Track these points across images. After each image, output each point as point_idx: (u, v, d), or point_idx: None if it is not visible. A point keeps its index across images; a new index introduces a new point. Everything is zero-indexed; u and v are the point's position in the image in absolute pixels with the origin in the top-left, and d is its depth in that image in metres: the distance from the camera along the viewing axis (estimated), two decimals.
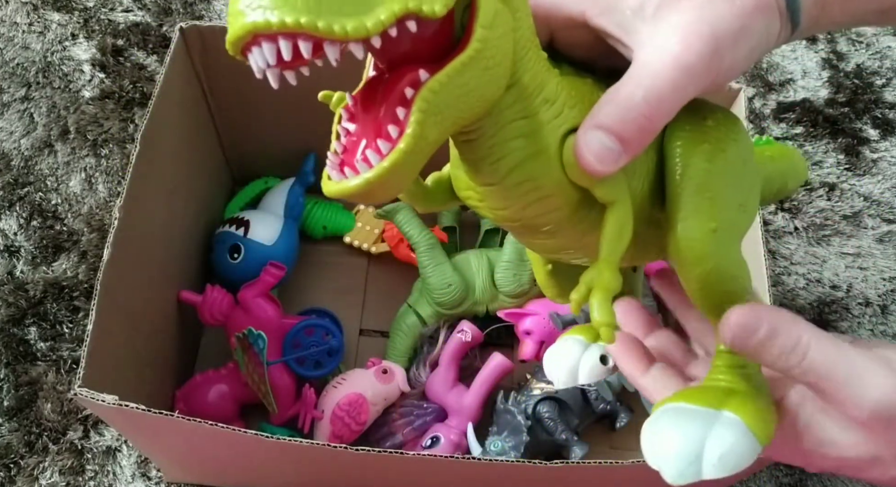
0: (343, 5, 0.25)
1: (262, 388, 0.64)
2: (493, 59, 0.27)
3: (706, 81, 0.29)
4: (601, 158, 0.28)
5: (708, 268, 0.31)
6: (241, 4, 0.25)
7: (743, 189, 0.33)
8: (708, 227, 0.31)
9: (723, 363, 0.32)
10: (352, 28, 0.25)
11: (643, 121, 0.28)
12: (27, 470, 0.65)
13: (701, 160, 0.32)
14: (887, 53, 0.96)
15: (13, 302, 0.72)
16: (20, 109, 0.84)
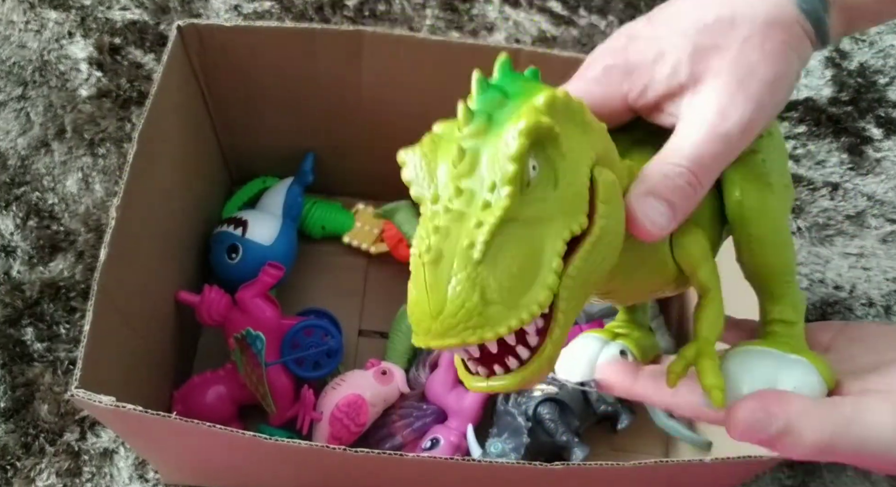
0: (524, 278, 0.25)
1: (261, 389, 0.64)
2: (613, 229, 0.28)
3: (748, 139, 0.31)
4: (655, 223, 0.30)
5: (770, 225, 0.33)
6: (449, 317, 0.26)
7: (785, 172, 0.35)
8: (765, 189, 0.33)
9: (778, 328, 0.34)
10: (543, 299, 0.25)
11: (689, 189, 0.30)
12: (23, 472, 0.64)
13: None
14: (891, 52, 0.96)
15: (9, 303, 0.72)
16: (16, 108, 0.83)
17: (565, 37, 0.95)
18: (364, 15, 0.94)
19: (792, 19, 0.32)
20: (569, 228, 0.26)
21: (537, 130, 0.25)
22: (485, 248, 0.25)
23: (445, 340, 0.25)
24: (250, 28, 0.64)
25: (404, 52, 0.64)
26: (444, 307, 0.25)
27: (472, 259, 0.25)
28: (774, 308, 0.35)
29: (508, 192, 0.25)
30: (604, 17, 0.96)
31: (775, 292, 0.34)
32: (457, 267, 0.25)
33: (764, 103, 0.30)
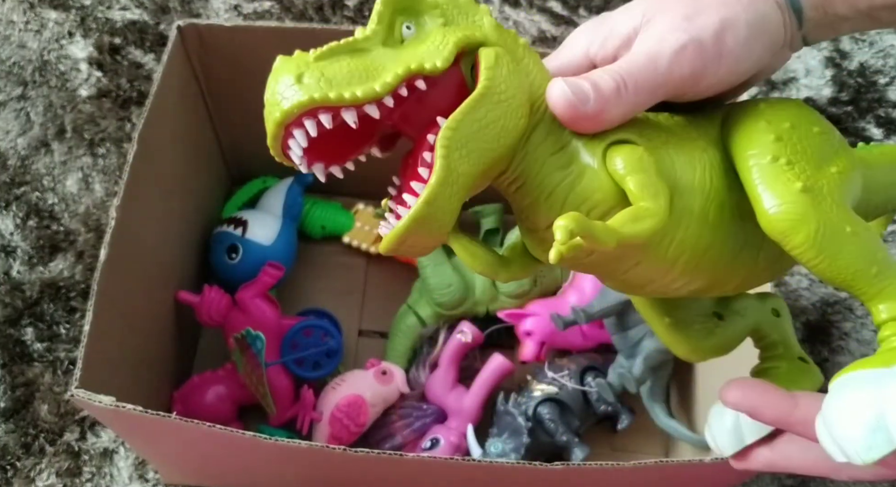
0: (352, 77, 0.29)
1: (261, 389, 0.63)
2: (505, 92, 0.30)
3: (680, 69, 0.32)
4: (574, 92, 0.31)
5: (812, 231, 0.29)
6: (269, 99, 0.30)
7: (829, 154, 0.32)
8: (794, 187, 0.30)
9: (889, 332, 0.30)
10: (362, 93, 0.29)
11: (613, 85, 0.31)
12: (23, 472, 0.64)
13: (766, 133, 0.32)
14: (891, 52, 0.96)
15: (9, 303, 0.72)
16: (16, 108, 0.83)
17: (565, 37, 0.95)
18: (364, 15, 0.94)
19: None
20: (419, 61, 0.30)
21: None
22: (320, 54, 0.30)
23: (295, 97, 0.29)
24: (250, 28, 0.64)
25: None
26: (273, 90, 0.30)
27: (308, 60, 0.30)
28: (877, 307, 0.30)
29: (366, 28, 0.31)
30: None
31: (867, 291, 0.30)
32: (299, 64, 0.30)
33: (703, 41, 0.32)
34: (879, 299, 0.30)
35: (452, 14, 0.32)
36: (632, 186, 0.30)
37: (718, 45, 0.32)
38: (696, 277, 0.34)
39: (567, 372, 0.67)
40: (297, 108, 0.29)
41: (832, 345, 0.75)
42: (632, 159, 0.31)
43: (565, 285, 0.73)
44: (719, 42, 0.32)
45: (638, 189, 0.30)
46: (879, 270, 0.29)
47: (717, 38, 0.32)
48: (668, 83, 0.32)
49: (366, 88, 0.29)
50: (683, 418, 0.69)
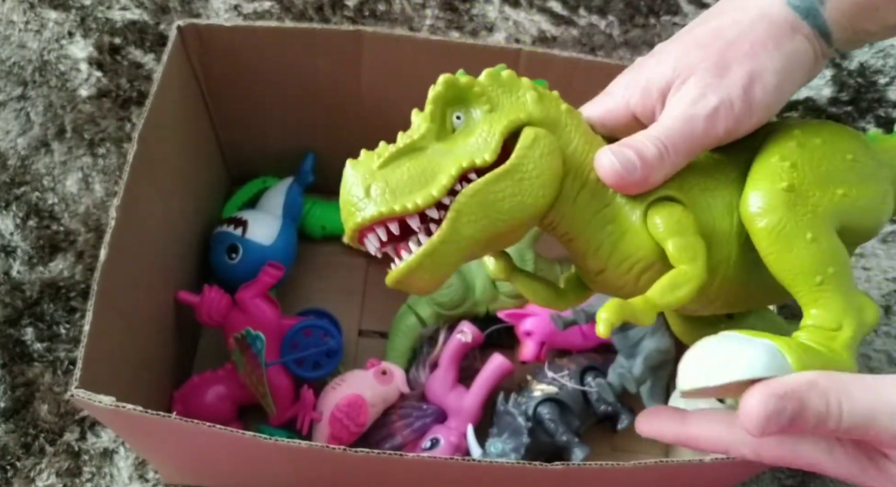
0: (413, 185, 0.32)
1: (261, 389, 0.64)
2: (530, 172, 0.33)
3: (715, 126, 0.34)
4: (621, 163, 0.33)
5: (773, 222, 0.32)
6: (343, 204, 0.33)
7: (849, 179, 0.34)
8: (779, 184, 0.33)
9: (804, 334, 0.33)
10: (422, 201, 0.32)
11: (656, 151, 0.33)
12: (23, 472, 0.64)
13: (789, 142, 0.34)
14: (891, 52, 0.96)
15: (9, 303, 0.72)
16: (16, 108, 0.83)
17: (565, 37, 0.95)
18: (364, 15, 0.94)
19: (780, 17, 0.34)
20: (469, 158, 0.33)
21: (454, 84, 0.34)
22: (384, 162, 0.33)
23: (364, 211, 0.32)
24: (250, 28, 0.64)
25: (404, 52, 0.64)
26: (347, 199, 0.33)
27: (373, 169, 0.33)
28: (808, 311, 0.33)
29: (420, 125, 0.34)
30: (603, 17, 0.96)
31: (805, 295, 0.33)
32: (366, 174, 0.33)
33: (733, 101, 0.33)
34: (813, 305, 0.33)
35: (497, 96, 0.34)
36: (671, 248, 0.33)
37: (748, 100, 0.33)
38: (733, 305, 0.37)
39: (567, 372, 0.67)
40: (369, 221, 0.32)
41: None
42: (671, 221, 0.33)
43: None
44: (748, 97, 0.33)
45: (677, 252, 0.33)
46: (823, 280, 0.32)
47: (745, 94, 0.33)
48: (705, 143, 0.34)
49: (424, 196, 0.32)
50: None
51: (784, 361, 0.30)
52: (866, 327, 0.33)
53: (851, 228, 0.35)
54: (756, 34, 0.34)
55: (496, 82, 0.35)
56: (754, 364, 0.29)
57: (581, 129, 0.35)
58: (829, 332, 0.32)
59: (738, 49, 0.34)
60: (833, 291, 0.32)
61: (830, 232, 0.33)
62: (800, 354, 0.30)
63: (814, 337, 0.32)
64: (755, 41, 0.33)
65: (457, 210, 0.32)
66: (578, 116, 0.36)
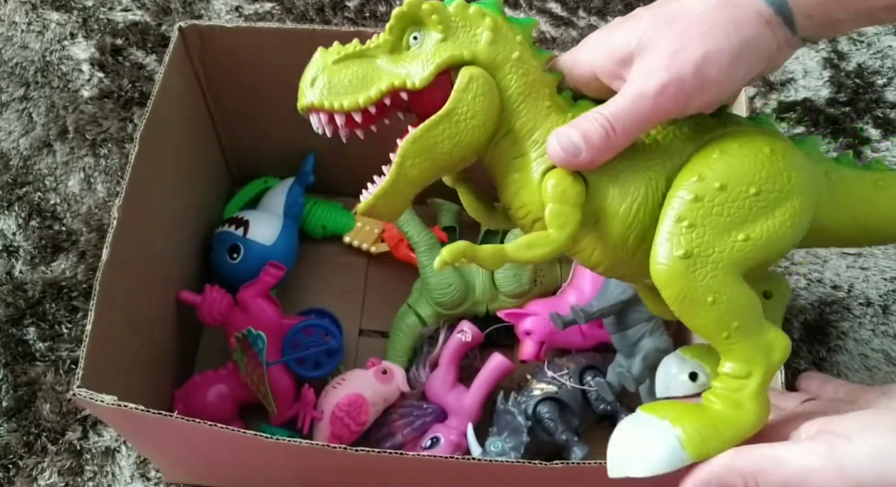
0: (348, 87, 0.36)
1: (262, 388, 0.64)
2: (466, 114, 0.36)
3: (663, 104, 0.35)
4: (565, 149, 0.35)
5: (675, 293, 0.34)
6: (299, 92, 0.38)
7: (752, 218, 0.35)
8: (677, 252, 0.34)
9: (719, 384, 0.35)
10: (347, 104, 0.36)
11: (601, 131, 0.35)
12: (26, 471, 0.64)
13: (686, 191, 0.35)
14: (888, 53, 0.96)
15: (12, 302, 0.72)
16: (19, 109, 0.84)
17: (565, 38, 0.95)
18: (364, 16, 0.94)
19: (746, 2, 0.34)
20: (402, 79, 0.36)
21: (418, 5, 0.36)
22: (338, 59, 0.37)
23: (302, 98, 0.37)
24: (251, 29, 0.64)
25: None
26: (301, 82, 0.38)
27: (328, 62, 0.37)
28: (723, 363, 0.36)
29: (379, 35, 0.37)
30: (603, 19, 0.97)
31: (718, 348, 0.36)
32: (320, 65, 0.37)
33: (684, 75, 0.34)
34: (725, 356, 0.35)
35: (455, 27, 0.37)
36: (546, 212, 0.36)
37: (700, 78, 0.34)
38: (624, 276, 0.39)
39: (566, 371, 0.67)
40: (305, 108, 0.37)
41: (830, 345, 0.76)
42: (557, 189, 0.36)
43: (565, 284, 0.73)
44: (701, 75, 0.34)
45: (549, 217, 0.36)
46: (729, 335, 0.34)
47: (698, 72, 0.34)
48: (654, 118, 0.35)
49: (351, 101, 0.36)
50: None
51: (683, 454, 0.33)
52: (775, 366, 0.35)
53: (760, 263, 0.36)
54: (718, 16, 0.34)
55: (460, 14, 0.37)
56: (657, 464, 0.33)
57: (526, 79, 0.37)
58: (739, 381, 0.35)
59: (698, 28, 0.34)
60: (740, 342, 0.34)
61: (733, 284, 0.34)
62: (698, 443, 0.33)
63: (727, 386, 0.35)
64: (716, 22, 0.34)
65: (401, 155, 0.36)
66: (528, 67, 0.37)
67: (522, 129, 0.37)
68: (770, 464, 0.32)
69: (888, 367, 0.75)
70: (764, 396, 0.35)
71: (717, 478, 0.33)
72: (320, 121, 0.37)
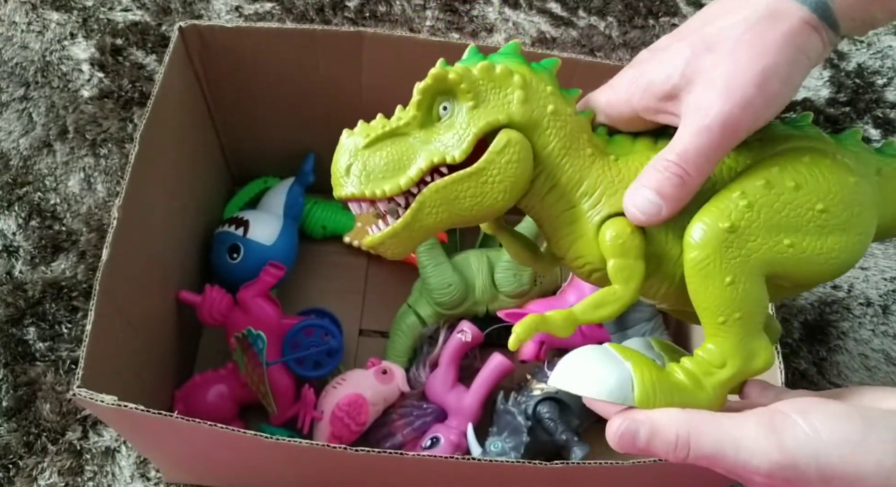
0: (387, 171, 0.35)
1: (262, 388, 0.64)
2: (495, 177, 0.35)
3: (732, 132, 0.33)
4: (645, 211, 0.34)
5: (699, 257, 0.34)
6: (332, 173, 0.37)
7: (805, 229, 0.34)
8: (721, 224, 0.34)
9: (689, 363, 0.35)
10: (389, 189, 0.35)
11: (676, 179, 0.34)
12: (26, 471, 0.64)
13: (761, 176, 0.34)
14: (888, 53, 0.96)
15: (12, 302, 0.72)
16: (19, 109, 0.84)
17: (565, 38, 0.95)
18: (364, 16, 0.94)
19: (790, 12, 0.34)
20: (441, 154, 0.35)
21: (444, 77, 0.36)
22: (369, 142, 0.36)
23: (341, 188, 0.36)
24: (251, 29, 0.64)
25: (404, 53, 0.64)
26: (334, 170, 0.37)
27: (358, 147, 0.36)
28: (706, 344, 0.35)
29: (407, 111, 0.36)
30: (603, 19, 0.97)
31: (708, 330, 0.35)
32: (351, 151, 0.36)
33: (748, 99, 0.33)
34: (710, 339, 0.35)
35: (485, 91, 0.36)
36: (609, 266, 0.35)
37: (765, 96, 0.33)
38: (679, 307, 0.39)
39: None
40: (345, 198, 0.36)
41: (830, 345, 0.76)
42: (617, 242, 0.35)
43: (565, 284, 0.73)
44: (765, 94, 0.33)
45: (613, 272, 0.35)
46: (726, 321, 0.34)
47: (762, 92, 0.33)
48: (724, 149, 0.34)
49: (392, 186, 0.35)
50: None
51: (629, 394, 0.33)
52: (750, 372, 0.35)
53: (790, 276, 0.35)
54: (765, 32, 0.33)
55: (487, 76, 0.36)
56: (601, 389, 0.33)
57: (564, 131, 0.36)
58: (711, 367, 0.35)
59: (748, 49, 0.33)
60: (731, 333, 0.34)
61: (754, 279, 0.34)
62: (648, 390, 0.33)
63: (696, 367, 0.35)
64: (765, 39, 0.33)
65: (420, 202, 0.35)
66: (565, 117, 0.36)
67: (569, 183, 0.36)
68: (708, 426, 0.31)
69: (888, 367, 0.75)
70: (725, 391, 0.35)
71: (653, 424, 0.32)
72: (360, 207, 0.37)
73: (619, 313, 0.36)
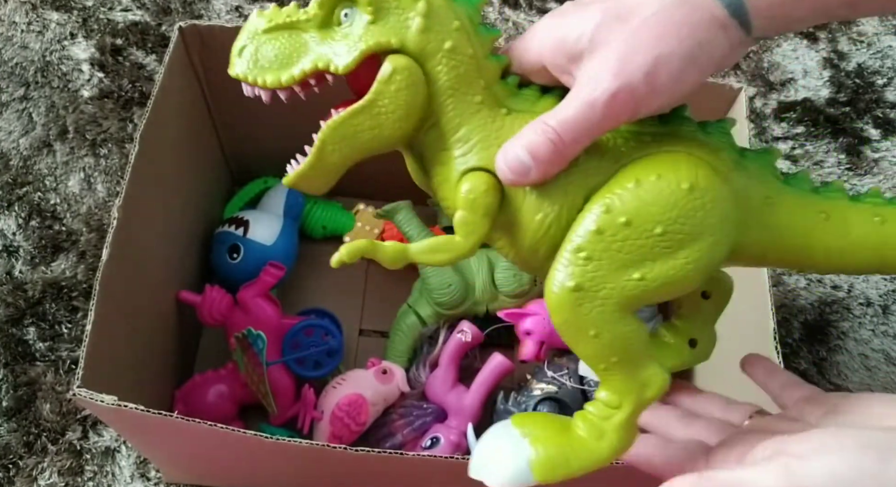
0: (274, 63, 0.36)
1: (262, 388, 0.64)
2: (387, 107, 0.35)
3: (614, 112, 0.33)
4: (513, 169, 0.34)
5: (560, 320, 0.34)
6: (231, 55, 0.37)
7: (651, 257, 0.34)
8: (567, 284, 0.34)
9: (592, 408, 0.36)
10: (270, 81, 0.36)
11: (550, 145, 0.33)
12: (26, 471, 0.64)
13: (591, 221, 0.34)
14: (888, 53, 0.96)
15: (12, 302, 0.72)
16: (19, 109, 0.84)
17: None
18: None
19: (703, 4, 0.33)
20: (326, 60, 0.35)
21: None
22: (268, 28, 0.36)
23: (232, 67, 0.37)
24: None
25: None
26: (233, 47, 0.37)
27: (258, 30, 0.36)
28: (599, 391, 0.36)
29: (311, 8, 0.36)
30: None
31: (598, 376, 0.36)
32: (251, 32, 0.36)
33: (634, 84, 0.32)
34: (602, 385, 0.36)
35: (387, 9, 0.35)
36: (455, 217, 0.36)
37: (650, 84, 0.32)
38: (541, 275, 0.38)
39: (566, 371, 0.67)
40: (232, 76, 0.37)
41: (830, 345, 0.76)
42: (469, 197, 0.35)
43: None
44: (651, 82, 0.32)
45: (457, 224, 0.35)
46: (608, 367, 0.34)
47: (648, 79, 0.32)
48: (603, 127, 0.34)
49: (273, 79, 0.36)
50: None
51: (530, 476, 0.34)
52: (647, 401, 0.35)
53: (655, 300, 0.35)
54: (671, 17, 0.32)
55: None
56: (504, 477, 0.35)
57: (457, 72, 0.35)
58: (609, 410, 0.35)
59: (649, 30, 0.32)
60: (617, 375, 0.34)
61: (618, 321, 0.34)
62: (546, 468, 0.35)
63: (597, 412, 0.35)
64: (668, 24, 0.32)
65: (321, 141, 0.35)
66: (462, 57, 0.35)
67: (448, 124, 0.36)
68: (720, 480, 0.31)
69: (888, 367, 0.75)
70: (629, 428, 0.35)
71: None
72: (252, 91, 0.37)
73: (451, 263, 0.36)
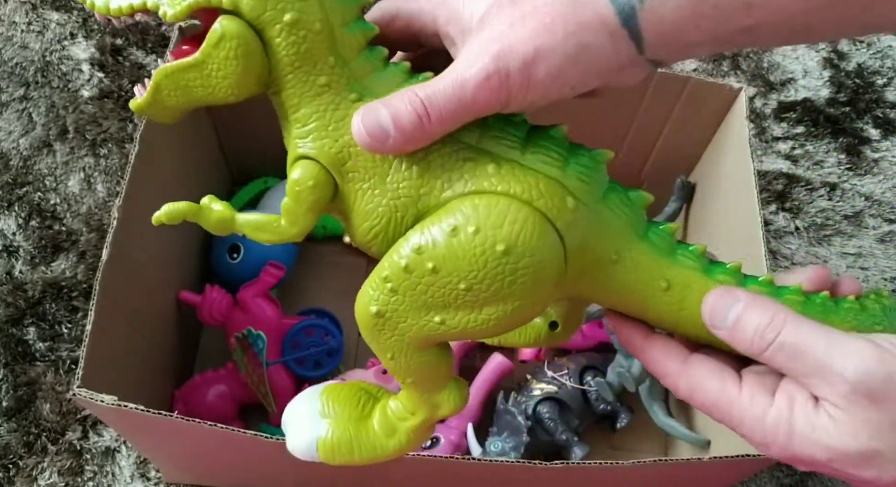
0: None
1: (262, 388, 0.64)
2: (216, 72, 0.33)
3: (484, 95, 0.31)
4: (371, 132, 0.31)
5: (364, 334, 0.34)
6: None
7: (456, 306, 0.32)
8: (371, 308, 0.33)
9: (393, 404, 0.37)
10: (99, 6, 0.35)
11: (414, 116, 0.31)
12: (26, 471, 0.64)
13: (403, 256, 0.32)
14: (888, 53, 0.96)
15: (12, 302, 0.72)
16: (19, 109, 0.84)
17: None
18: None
19: (595, 4, 0.31)
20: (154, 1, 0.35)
21: None
22: None
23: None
24: None
25: None
26: None
27: None
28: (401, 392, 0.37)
29: None
30: None
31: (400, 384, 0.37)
32: None
33: (510, 69, 0.30)
34: (403, 393, 0.36)
35: None
36: (283, 202, 0.35)
37: (525, 76, 0.31)
38: None
39: (566, 371, 0.67)
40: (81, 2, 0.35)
41: None
42: (294, 187, 0.34)
43: None
44: (527, 73, 0.31)
45: (283, 209, 0.35)
46: (405, 384, 0.35)
47: (525, 69, 0.30)
48: (472, 111, 0.31)
49: (102, 5, 0.35)
50: (682, 417, 0.69)
51: (315, 454, 0.37)
52: (437, 417, 0.37)
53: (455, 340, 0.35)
54: (562, 10, 0.30)
55: None
56: (295, 447, 0.37)
57: (298, 48, 0.32)
58: (406, 413, 0.36)
59: (538, 19, 0.30)
60: (413, 391, 0.36)
61: (414, 353, 0.34)
62: (330, 453, 0.37)
63: (396, 411, 0.37)
64: (557, 17, 0.30)
65: (156, 83, 0.34)
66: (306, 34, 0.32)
67: (288, 101, 0.34)
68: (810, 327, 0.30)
69: None
70: (419, 432, 0.36)
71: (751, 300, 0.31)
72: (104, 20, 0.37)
73: (277, 243, 0.36)
